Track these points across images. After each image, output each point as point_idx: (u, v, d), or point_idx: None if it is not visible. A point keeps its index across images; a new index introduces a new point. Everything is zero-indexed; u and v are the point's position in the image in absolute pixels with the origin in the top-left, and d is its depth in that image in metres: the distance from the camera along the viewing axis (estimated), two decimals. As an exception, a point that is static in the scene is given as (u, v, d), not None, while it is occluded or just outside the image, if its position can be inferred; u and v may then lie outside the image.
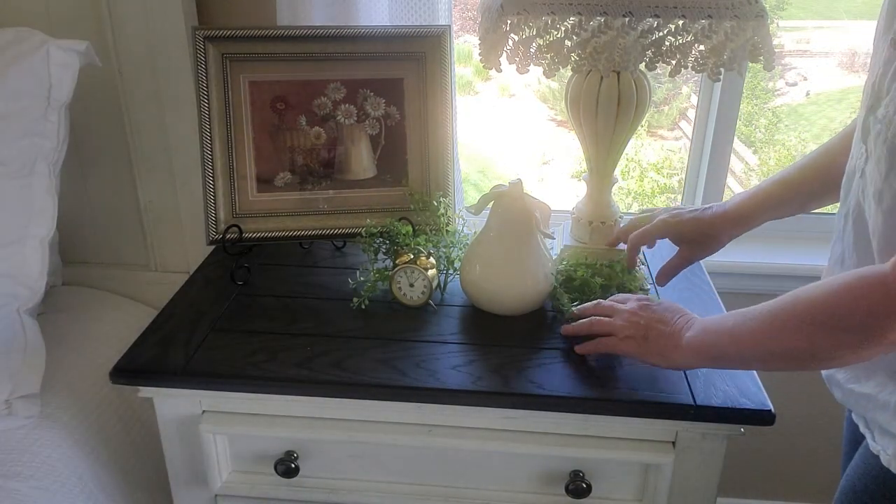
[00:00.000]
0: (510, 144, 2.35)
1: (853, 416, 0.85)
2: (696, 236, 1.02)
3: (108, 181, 1.41)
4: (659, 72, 1.05)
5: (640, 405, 0.89)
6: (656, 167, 2.13)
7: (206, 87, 1.12)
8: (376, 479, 1.00)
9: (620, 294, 0.98)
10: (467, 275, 1.05)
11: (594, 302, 0.98)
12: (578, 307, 0.99)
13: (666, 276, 1.07)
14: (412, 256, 1.08)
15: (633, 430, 0.93)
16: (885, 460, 0.76)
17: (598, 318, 0.94)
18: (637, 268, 1.12)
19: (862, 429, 0.81)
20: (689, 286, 1.16)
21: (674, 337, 0.85)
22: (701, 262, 1.23)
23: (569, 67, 1.00)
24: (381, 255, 1.13)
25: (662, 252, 1.24)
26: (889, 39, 0.70)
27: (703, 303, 1.11)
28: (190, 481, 1.02)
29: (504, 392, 0.90)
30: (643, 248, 1.10)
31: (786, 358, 0.76)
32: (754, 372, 0.94)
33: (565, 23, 0.96)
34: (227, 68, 1.13)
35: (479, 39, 1.04)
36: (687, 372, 0.93)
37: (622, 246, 1.14)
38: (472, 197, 1.73)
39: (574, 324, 0.97)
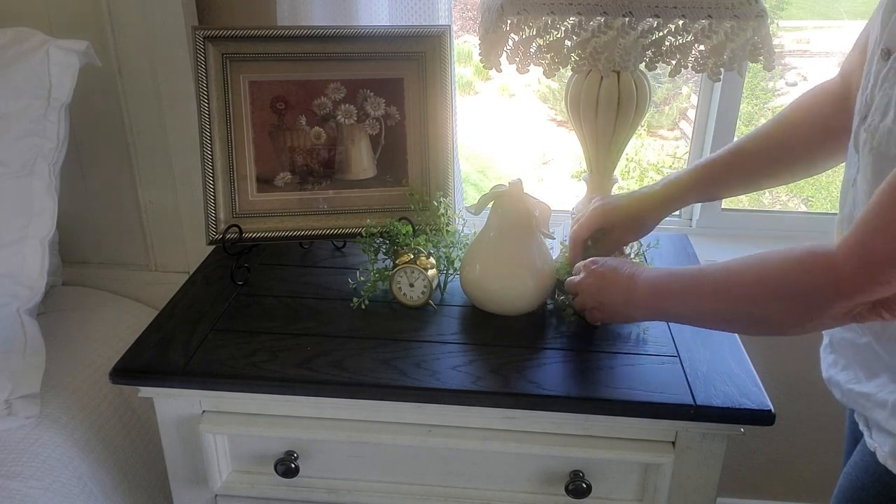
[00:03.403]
0: (510, 144, 2.35)
1: (854, 414, 0.85)
2: (624, 222, 1.06)
3: (108, 181, 1.41)
4: (659, 72, 1.05)
5: (640, 405, 0.89)
6: (656, 167, 2.13)
7: (206, 87, 1.12)
8: (376, 479, 1.00)
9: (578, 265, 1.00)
10: (467, 275, 1.05)
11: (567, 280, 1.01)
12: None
13: (578, 241, 1.09)
14: (412, 256, 1.08)
15: (633, 430, 0.93)
16: (881, 457, 0.76)
17: (570, 279, 0.98)
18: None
19: (861, 426, 0.82)
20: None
21: (626, 299, 0.89)
22: (700, 262, 1.24)
23: (569, 67, 1.00)
24: (381, 255, 1.13)
25: (662, 252, 1.24)
26: (880, 50, 0.70)
27: (703, 303, 1.11)
28: (190, 481, 1.02)
29: (504, 392, 0.90)
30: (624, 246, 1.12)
31: (731, 320, 0.80)
32: (754, 372, 0.94)
33: (565, 23, 0.96)
34: (227, 68, 1.13)
35: (479, 39, 1.04)
36: (687, 372, 0.93)
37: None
38: (472, 197, 1.73)
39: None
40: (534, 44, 0.98)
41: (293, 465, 0.97)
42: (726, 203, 1.52)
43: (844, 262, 0.66)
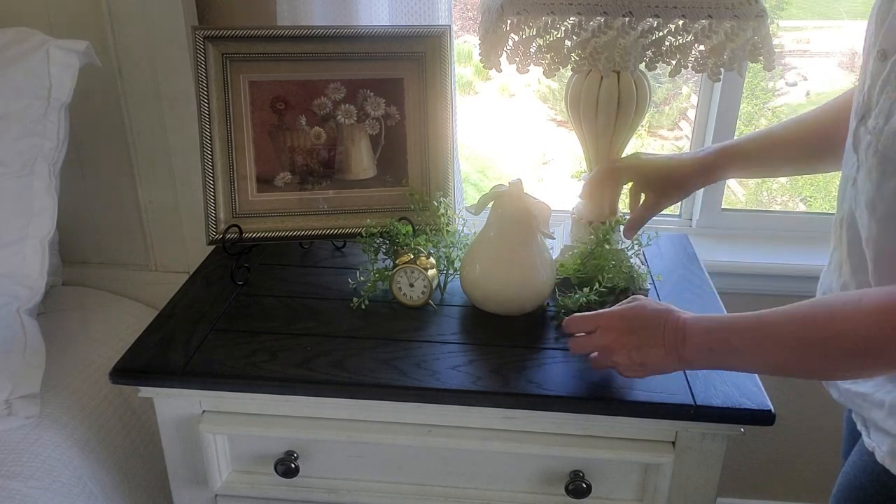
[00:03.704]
0: (510, 144, 2.35)
1: (852, 414, 0.85)
2: (661, 182, 1.02)
3: (108, 181, 1.41)
4: (659, 72, 1.05)
5: (640, 405, 0.89)
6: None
7: (206, 87, 1.12)
8: (376, 479, 1.00)
9: (583, 316, 0.89)
10: (467, 275, 1.05)
11: (567, 318, 0.90)
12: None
13: (633, 228, 1.07)
14: (412, 256, 1.08)
15: (633, 430, 0.93)
16: (879, 457, 0.76)
17: (582, 336, 0.88)
18: (637, 265, 1.12)
19: (859, 426, 0.82)
20: (689, 286, 1.16)
21: (674, 354, 0.79)
22: (700, 262, 1.24)
23: (569, 67, 1.00)
24: (381, 255, 1.13)
25: (663, 252, 1.24)
26: (876, 51, 0.71)
27: (703, 303, 1.11)
28: (190, 481, 1.02)
29: (504, 392, 0.90)
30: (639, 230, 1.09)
31: (794, 371, 0.75)
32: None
33: (565, 23, 0.96)
34: (227, 68, 1.13)
35: (479, 39, 1.04)
36: (687, 372, 0.93)
37: (626, 245, 1.14)
38: (472, 197, 1.73)
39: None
40: (534, 44, 0.98)
41: (293, 465, 0.97)
42: (726, 203, 1.52)
43: None
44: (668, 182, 1.03)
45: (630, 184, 1.10)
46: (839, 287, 0.80)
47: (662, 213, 1.56)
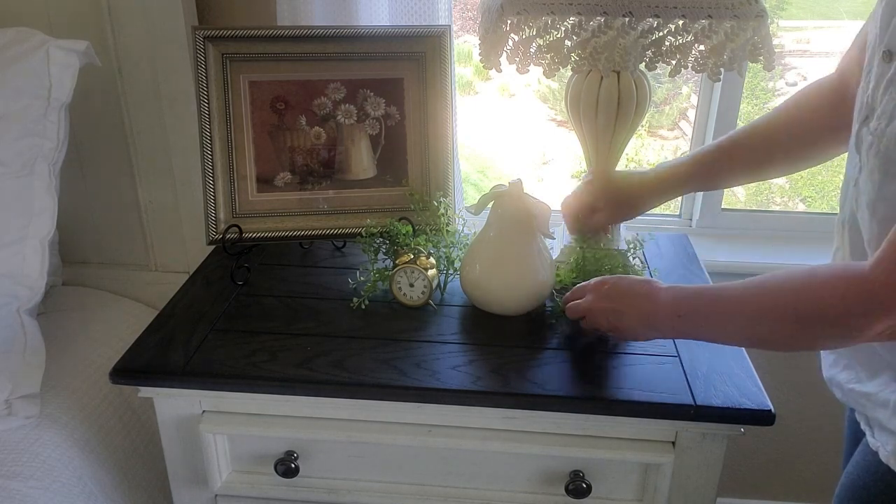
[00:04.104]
0: (510, 144, 2.35)
1: (855, 413, 0.85)
2: (616, 201, 1.07)
3: (108, 181, 1.41)
4: (659, 72, 1.05)
5: (640, 405, 0.89)
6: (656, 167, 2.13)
7: (206, 87, 1.12)
8: (376, 479, 1.00)
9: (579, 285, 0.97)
10: (467, 275, 1.05)
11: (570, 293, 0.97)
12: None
13: (579, 229, 1.10)
14: (412, 256, 1.08)
15: (633, 430, 0.93)
16: (883, 456, 0.76)
17: (573, 302, 0.94)
18: (637, 265, 1.12)
19: (863, 426, 0.82)
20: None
21: (647, 318, 0.85)
22: (700, 262, 1.24)
23: (569, 67, 1.00)
24: (381, 255, 1.13)
25: (662, 252, 1.24)
26: (881, 52, 0.70)
27: (703, 303, 1.11)
28: (190, 481, 1.02)
29: (504, 392, 0.90)
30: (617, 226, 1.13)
31: (763, 340, 0.78)
32: (754, 372, 0.94)
33: (565, 23, 0.96)
34: (227, 68, 1.13)
35: (479, 39, 1.04)
36: (687, 372, 0.93)
37: (623, 245, 1.14)
38: (472, 197, 1.73)
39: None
40: (534, 44, 0.98)
41: (293, 465, 0.97)
42: (726, 203, 1.52)
43: (883, 283, 0.64)
44: (626, 200, 1.07)
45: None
46: None
47: (663, 213, 1.57)
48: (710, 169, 1.02)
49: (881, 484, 0.77)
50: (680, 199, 1.55)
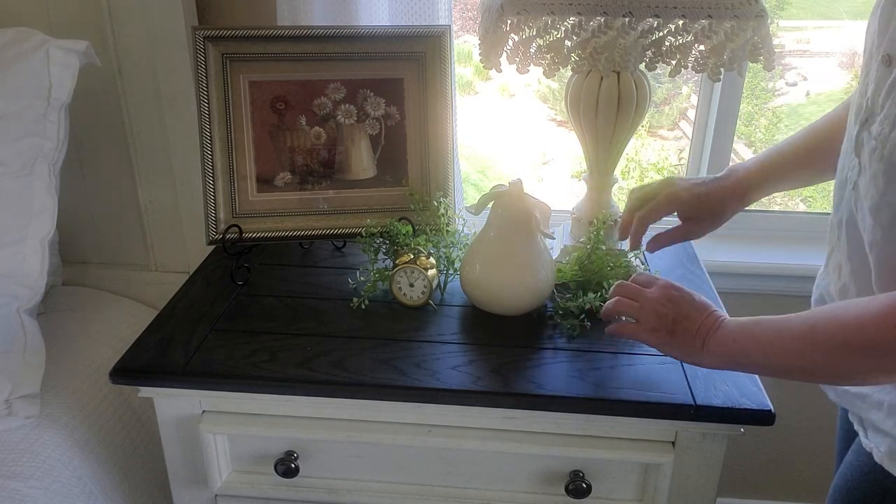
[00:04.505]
0: (510, 144, 2.35)
1: (849, 414, 0.85)
2: (700, 212, 0.99)
3: (108, 181, 1.41)
4: (659, 72, 1.05)
5: (640, 405, 0.89)
6: (656, 167, 2.13)
7: (206, 87, 1.12)
8: (376, 479, 1.00)
9: (644, 275, 0.91)
10: (467, 275, 1.05)
11: (618, 282, 0.92)
12: (613, 289, 0.92)
13: (659, 243, 1.04)
14: (412, 256, 1.08)
15: (633, 430, 0.93)
16: (877, 457, 0.76)
17: (623, 299, 0.89)
18: (637, 265, 1.12)
19: (856, 426, 0.82)
20: (689, 286, 1.15)
21: (700, 336, 0.80)
22: (700, 262, 1.24)
23: (569, 67, 1.00)
24: (381, 255, 1.13)
25: (662, 252, 1.24)
26: (880, 56, 0.70)
27: (703, 303, 1.11)
28: (190, 481, 1.02)
29: (504, 392, 0.90)
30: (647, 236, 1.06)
31: (816, 375, 0.74)
32: (754, 372, 0.94)
33: (565, 23, 0.96)
34: (227, 68, 1.13)
35: (479, 39, 1.04)
36: (687, 372, 0.93)
37: (624, 245, 1.14)
38: (472, 197, 1.73)
39: (605, 306, 0.92)
40: (534, 44, 0.98)
41: (293, 465, 0.97)
42: (726, 203, 1.52)
43: None
44: (709, 213, 1.00)
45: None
46: (837, 289, 0.80)
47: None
48: (781, 171, 0.98)
49: (875, 485, 0.77)
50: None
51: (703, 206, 0.99)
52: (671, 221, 1.02)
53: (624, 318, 0.91)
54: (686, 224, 1.01)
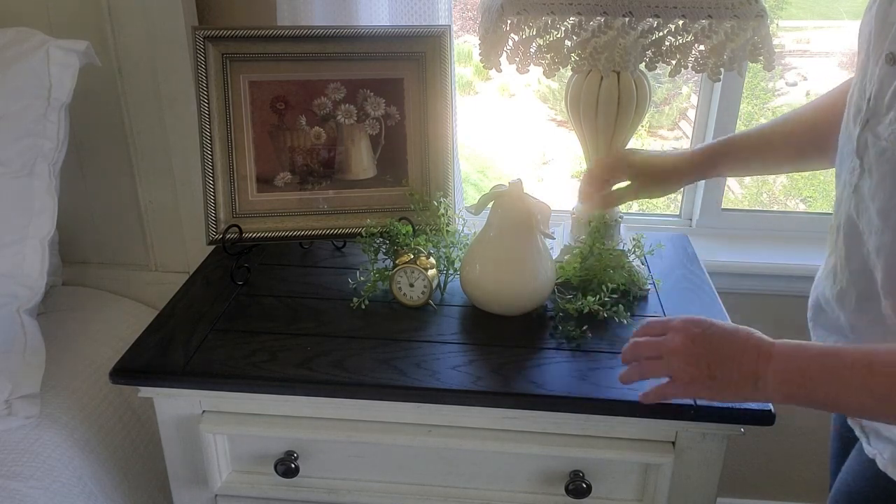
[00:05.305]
0: (510, 144, 2.35)
1: (849, 421, 0.84)
2: (650, 172, 1.04)
3: (108, 181, 1.41)
4: (659, 72, 1.05)
5: (640, 405, 0.88)
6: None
7: (206, 87, 1.12)
8: (376, 479, 1.00)
9: (653, 323, 0.81)
10: (467, 275, 1.05)
11: (631, 342, 0.82)
12: (624, 350, 0.83)
13: (608, 200, 1.08)
14: (412, 256, 1.08)
15: (633, 430, 0.93)
16: (881, 464, 0.75)
17: (647, 362, 0.79)
18: (637, 265, 1.12)
19: (857, 433, 0.81)
20: (689, 286, 1.16)
21: (751, 375, 0.71)
22: (700, 262, 1.24)
23: (569, 67, 1.00)
24: (381, 255, 1.13)
25: (663, 252, 1.24)
26: (884, 55, 0.69)
27: (703, 303, 1.11)
28: (190, 481, 1.02)
29: (504, 392, 0.90)
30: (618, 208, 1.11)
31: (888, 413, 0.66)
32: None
33: (565, 23, 0.96)
34: (227, 68, 1.13)
35: (479, 39, 1.04)
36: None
37: (624, 246, 1.14)
38: (472, 197, 1.73)
39: (624, 372, 0.83)
40: (534, 44, 0.98)
41: (293, 465, 0.97)
42: (726, 203, 1.52)
43: None
44: (658, 175, 1.04)
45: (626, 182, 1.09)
46: (834, 294, 0.78)
47: (662, 213, 1.57)
48: (738, 154, 1.00)
49: (878, 490, 0.76)
50: (680, 199, 1.56)
51: (653, 167, 1.04)
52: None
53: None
54: (634, 183, 1.05)
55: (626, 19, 0.94)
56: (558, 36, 0.97)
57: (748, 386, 0.71)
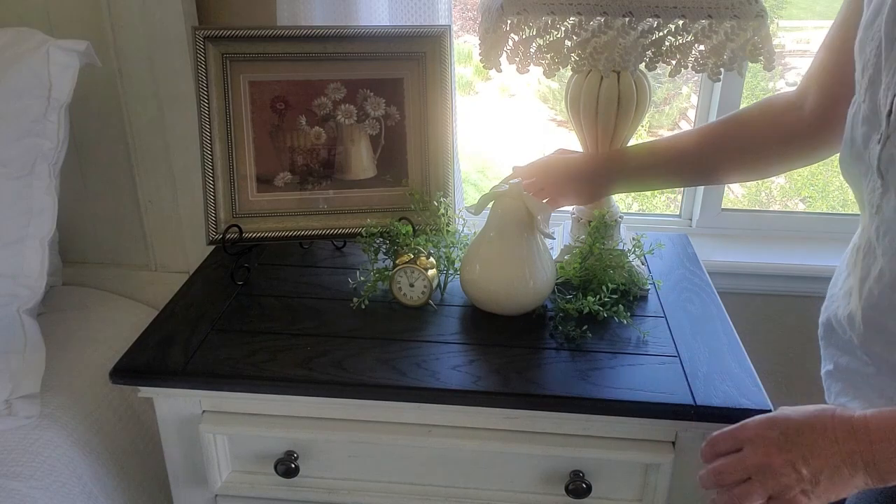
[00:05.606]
0: (510, 144, 2.35)
1: None
2: (560, 184, 1.08)
3: (108, 181, 1.41)
4: (659, 72, 1.05)
5: (640, 405, 0.89)
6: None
7: (206, 87, 1.12)
8: (376, 479, 1.00)
9: (718, 438, 0.73)
10: (467, 275, 1.05)
11: (709, 469, 0.72)
12: (702, 477, 0.73)
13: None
14: (412, 256, 1.08)
15: (633, 430, 0.93)
16: None
17: (736, 490, 0.69)
18: (637, 265, 1.12)
19: None
20: (689, 286, 1.16)
21: (845, 425, 0.65)
22: (700, 262, 1.24)
23: (569, 67, 1.00)
24: (381, 255, 1.13)
25: (663, 252, 1.24)
26: None
27: (703, 303, 1.11)
28: (190, 481, 1.02)
29: (504, 392, 0.90)
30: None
31: None
32: (754, 372, 0.94)
33: (565, 23, 0.96)
34: (227, 68, 1.13)
35: (479, 39, 1.04)
36: (687, 372, 0.93)
37: (624, 246, 1.14)
38: (472, 197, 1.73)
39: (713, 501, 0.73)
40: (534, 44, 0.98)
41: (293, 465, 0.97)
42: (726, 203, 1.52)
43: None
44: (576, 184, 1.08)
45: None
46: (845, 315, 0.78)
47: (662, 212, 1.56)
48: (660, 167, 1.04)
49: (886, 497, 0.75)
50: (680, 199, 1.56)
51: (567, 168, 1.08)
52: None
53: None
54: (553, 188, 1.08)
55: (626, 19, 0.94)
56: (558, 36, 0.97)
57: (851, 467, 0.63)
